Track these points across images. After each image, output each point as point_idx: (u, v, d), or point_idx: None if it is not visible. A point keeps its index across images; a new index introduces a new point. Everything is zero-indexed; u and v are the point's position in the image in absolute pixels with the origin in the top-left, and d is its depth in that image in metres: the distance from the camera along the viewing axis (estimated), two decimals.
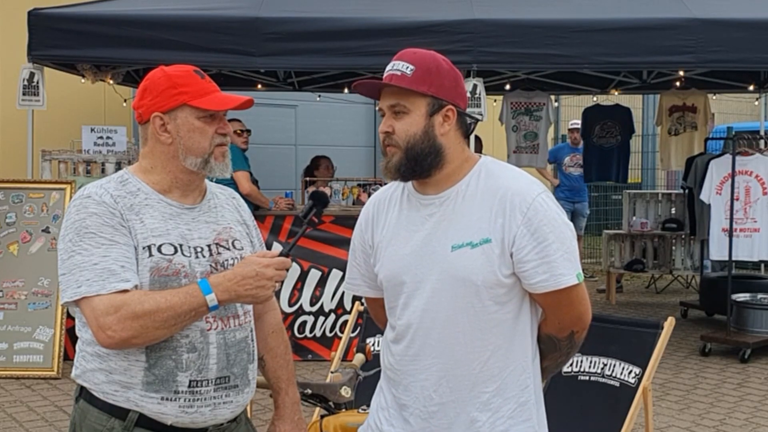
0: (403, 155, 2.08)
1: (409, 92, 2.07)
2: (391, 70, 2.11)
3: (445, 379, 2.10)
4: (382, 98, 2.13)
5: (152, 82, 2.17)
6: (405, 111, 2.08)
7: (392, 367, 2.20)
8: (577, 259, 2.08)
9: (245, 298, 2.07)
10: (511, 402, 2.11)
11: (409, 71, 2.07)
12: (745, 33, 6.46)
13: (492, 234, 2.04)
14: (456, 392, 2.10)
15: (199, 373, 2.10)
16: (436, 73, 2.10)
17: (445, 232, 2.09)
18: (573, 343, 2.18)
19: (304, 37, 6.49)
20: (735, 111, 15.62)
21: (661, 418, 5.49)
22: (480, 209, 2.07)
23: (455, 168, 2.12)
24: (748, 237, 7.31)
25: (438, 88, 2.08)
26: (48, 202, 6.67)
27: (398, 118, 2.09)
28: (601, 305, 9.45)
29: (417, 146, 2.07)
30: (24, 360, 6.34)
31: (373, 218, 2.27)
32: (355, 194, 7.83)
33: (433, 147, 2.08)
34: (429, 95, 2.08)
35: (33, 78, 6.70)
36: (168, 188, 2.18)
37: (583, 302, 2.12)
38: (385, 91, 2.12)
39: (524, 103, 9.25)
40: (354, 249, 2.33)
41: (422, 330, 2.11)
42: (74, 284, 2.03)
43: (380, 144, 2.15)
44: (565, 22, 6.54)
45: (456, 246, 2.06)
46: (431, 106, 2.08)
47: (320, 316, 6.88)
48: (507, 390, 2.10)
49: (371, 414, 2.29)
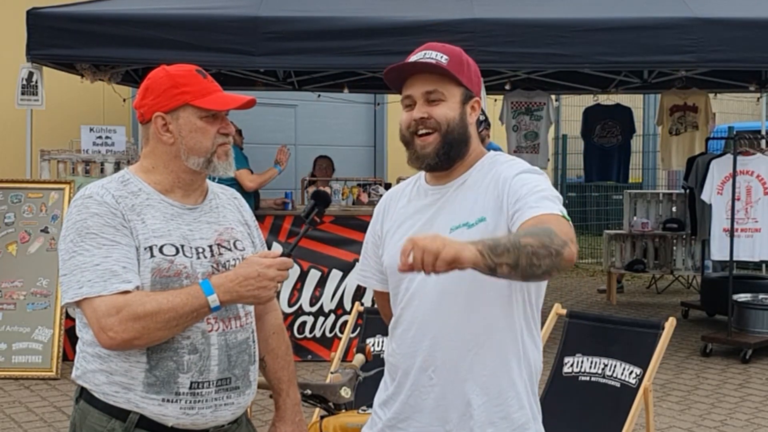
0: (441, 139, 2.09)
1: (445, 80, 2.09)
2: (423, 57, 2.10)
3: (442, 360, 2.11)
4: (412, 86, 2.11)
5: (154, 82, 2.16)
6: (442, 98, 2.10)
7: (393, 352, 2.22)
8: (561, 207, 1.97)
9: (247, 298, 2.06)
10: (507, 387, 2.10)
11: (443, 60, 2.09)
12: (746, 32, 6.46)
13: (486, 213, 2.06)
14: (453, 373, 2.10)
15: (200, 375, 2.09)
16: (467, 65, 2.14)
17: (444, 216, 2.12)
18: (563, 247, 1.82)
19: (304, 36, 6.48)
20: (736, 111, 15.61)
21: (662, 418, 5.48)
22: (477, 193, 2.10)
23: (471, 159, 2.16)
24: (749, 237, 7.30)
25: (468, 80, 2.13)
26: (47, 202, 6.65)
27: (434, 104, 2.10)
28: (601, 305, 9.45)
29: (456, 131, 2.10)
30: (23, 360, 6.33)
31: (385, 210, 2.31)
32: (355, 194, 7.82)
33: (465, 135, 2.13)
34: (463, 85, 2.11)
35: (32, 77, 6.69)
36: (170, 188, 2.17)
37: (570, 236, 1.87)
38: (416, 79, 2.11)
39: (525, 103, 9.24)
40: (366, 242, 2.36)
41: (420, 312, 2.12)
42: (75, 285, 2.01)
43: (403, 133, 2.13)
44: (566, 21, 6.54)
45: (454, 227, 2.08)
46: (464, 96, 2.12)
47: (320, 317, 6.87)
48: (504, 373, 2.10)
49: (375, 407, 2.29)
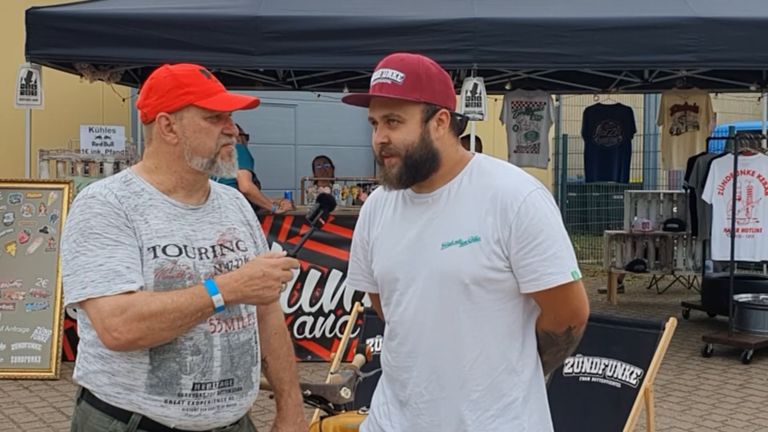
0: (402, 164, 2.07)
1: (402, 101, 2.04)
2: (379, 78, 2.06)
3: (436, 375, 2.10)
4: (373, 108, 2.09)
5: (158, 82, 2.15)
6: (400, 120, 2.06)
7: (388, 363, 2.22)
8: (572, 256, 2.06)
9: (252, 298, 2.06)
10: (500, 401, 2.10)
11: (399, 79, 2.04)
12: (747, 32, 6.46)
13: (481, 232, 2.04)
14: (446, 389, 2.10)
15: (202, 376, 2.08)
16: (426, 78, 2.06)
17: (436, 230, 2.09)
18: (571, 339, 2.16)
19: (304, 36, 6.47)
20: (737, 110, 15.60)
21: (662, 419, 5.47)
22: (470, 207, 2.07)
23: (449, 168, 2.12)
24: (750, 237, 7.29)
25: (430, 94, 2.06)
26: (46, 202, 6.63)
27: (393, 127, 2.06)
28: (602, 306, 9.44)
29: (416, 154, 2.06)
30: (22, 361, 6.31)
31: (371, 215, 2.28)
32: (354, 194, 7.82)
33: (430, 153, 2.07)
34: (422, 102, 2.05)
35: (31, 77, 6.68)
36: (173, 188, 2.16)
37: (579, 298, 2.10)
38: (376, 101, 2.08)
39: (525, 103, 9.23)
40: (354, 245, 2.34)
41: (414, 327, 2.12)
42: (79, 285, 2.00)
43: (376, 155, 2.12)
44: (566, 21, 6.53)
45: (446, 244, 2.06)
46: (425, 113, 2.06)
47: (320, 317, 6.85)
48: (497, 389, 2.09)
49: (372, 408, 2.30)
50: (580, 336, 2.18)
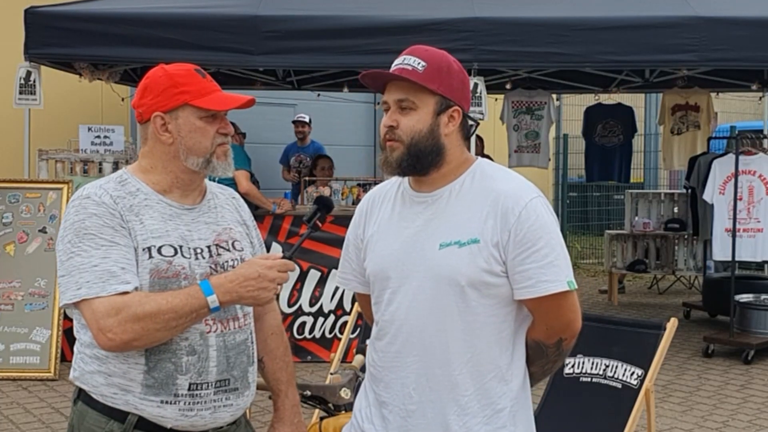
0: (405, 150, 2.06)
1: (418, 88, 2.05)
2: (401, 64, 2.07)
3: (425, 377, 2.08)
4: (388, 92, 2.10)
5: (153, 81, 2.15)
6: (412, 107, 2.06)
7: (375, 363, 2.19)
8: (568, 266, 2.06)
9: (247, 299, 2.06)
10: (488, 408, 2.08)
11: (420, 67, 2.05)
12: (748, 31, 6.44)
13: (481, 235, 2.03)
14: (435, 392, 2.08)
15: (198, 376, 2.08)
16: (447, 72, 2.08)
17: (434, 229, 2.08)
18: (561, 351, 2.15)
19: (304, 35, 6.45)
20: (738, 110, 15.61)
21: (663, 420, 5.46)
22: (471, 209, 2.06)
23: (452, 168, 2.11)
24: (751, 237, 7.28)
25: (447, 88, 2.07)
26: (45, 202, 6.62)
27: (404, 113, 2.07)
28: (603, 306, 9.43)
29: (421, 143, 2.06)
30: (20, 361, 6.30)
31: (367, 213, 2.26)
32: (354, 194, 7.79)
33: (435, 146, 2.07)
34: (438, 94, 2.06)
35: (30, 77, 6.67)
36: (168, 188, 2.16)
37: (572, 310, 2.09)
38: (392, 85, 2.09)
39: (525, 102, 9.21)
40: (347, 244, 2.32)
41: (405, 327, 2.10)
42: (74, 286, 2.00)
43: (380, 138, 2.12)
44: (567, 20, 6.52)
45: (444, 244, 2.05)
46: (439, 105, 2.07)
47: (320, 317, 6.84)
48: (485, 395, 2.08)
49: (354, 412, 2.28)
50: (569, 349, 2.17)
